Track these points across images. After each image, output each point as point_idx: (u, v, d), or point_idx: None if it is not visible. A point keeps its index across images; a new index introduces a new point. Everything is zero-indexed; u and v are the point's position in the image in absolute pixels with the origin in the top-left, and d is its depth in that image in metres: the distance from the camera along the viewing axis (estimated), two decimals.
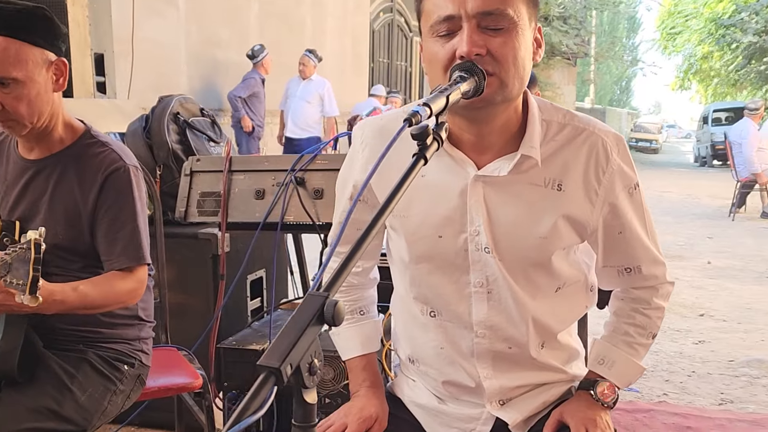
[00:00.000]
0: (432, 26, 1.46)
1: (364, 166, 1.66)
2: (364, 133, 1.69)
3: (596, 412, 1.64)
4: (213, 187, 2.82)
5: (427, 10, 1.49)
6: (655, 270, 1.68)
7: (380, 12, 13.44)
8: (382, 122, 1.68)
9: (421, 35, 1.57)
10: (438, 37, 1.46)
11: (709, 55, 25.94)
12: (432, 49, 1.47)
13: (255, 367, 2.69)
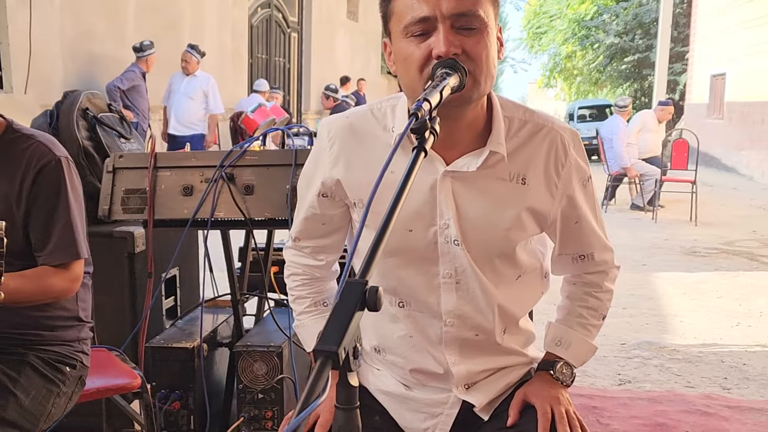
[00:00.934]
0: (406, 27, 1.50)
1: (334, 162, 1.69)
2: (332, 130, 1.71)
3: (558, 390, 1.73)
4: (138, 184, 2.77)
5: (399, 11, 1.53)
6: (605, 256, 1.79)
7: (258, 7, 13.32)
8: (349, 120, 1.71)
9: (388, 36, 1.61)
10: (412, 38, 1.50)
11: (573, 55, 27.07)
12: (406, 50, 1.52)
13: (185, 365, 2.67)
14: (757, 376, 4.20)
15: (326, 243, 1.82)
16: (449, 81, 1.39)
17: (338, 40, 16.78)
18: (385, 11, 1.59)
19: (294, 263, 1.87)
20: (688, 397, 3.79)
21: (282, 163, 2.71)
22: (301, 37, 15.20)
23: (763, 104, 15.24)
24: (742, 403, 3.75)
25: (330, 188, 1.71)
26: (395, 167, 1.61)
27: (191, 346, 2.80)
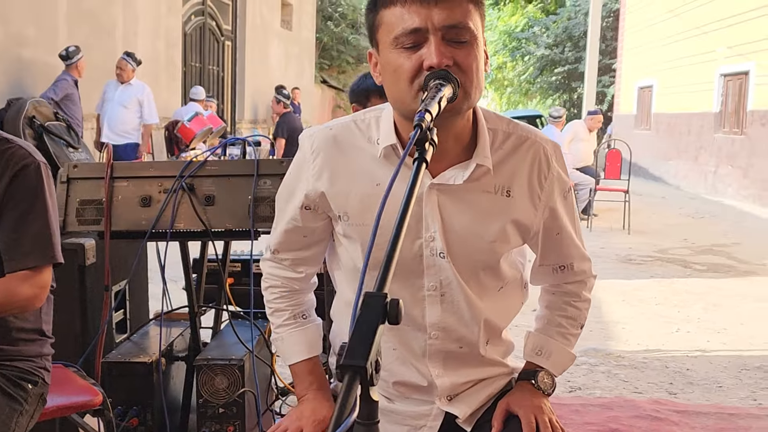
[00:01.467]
0: (397, 38, 1.50)
1: (318, 174, 1.67)
2: (314, 142, 1.70)
3: (540, 399, 1.74)
4: (93, 195, 2.69)
5: (388, 22, 1.53)
6: (583, 266, 1.81)
7: (192, 15, 13.16)
8: (332, 132, 1.70)
9: (375, 47, 1.61)
10: (403, 49, 1.50)
11: (504, 66, 27.45)
12: (396, 61, 1.51)
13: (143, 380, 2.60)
14: (700, 381, 4.30)
15: (306, 255, 1.80)
16: (444, 92, 1.39)
17: (272, 48, 16.69)
18: (372, 22, 1.58)
19: (272, 276, 1.84)
20: (638, 403, 3.85)
21: (243, 173, 2.67)
22: (235, 46, 15.07)
23: (689, 116, 15.70)
24: (690, 407, 3.84)
25: (314, 201, 1.69)
26: (381, 179, 1.62)
27: (149, 361, 2.73)
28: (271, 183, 2.66)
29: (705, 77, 14.70)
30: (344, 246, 1.72)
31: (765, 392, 4.16)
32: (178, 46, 12.34)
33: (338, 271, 1.80)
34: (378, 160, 1.64)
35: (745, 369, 4.54)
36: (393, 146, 1.62)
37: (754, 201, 12.70)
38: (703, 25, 14.70)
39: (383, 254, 1.61)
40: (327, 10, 22.27)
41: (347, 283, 1.76)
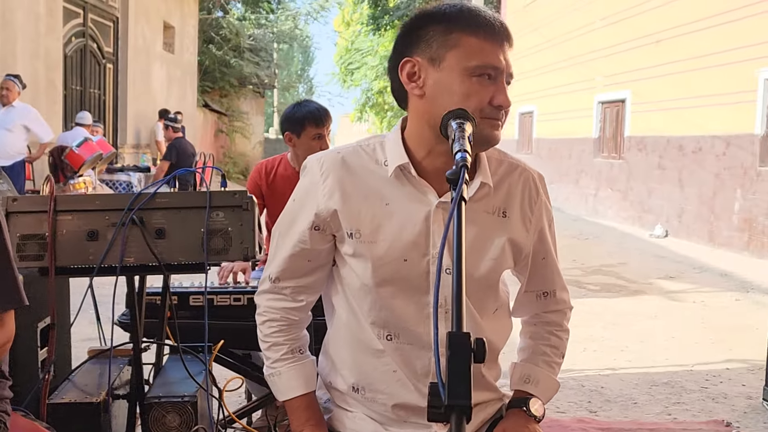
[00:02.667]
0: (478, 66, 1.59)
1: (330, 194, 1.71)
2: (324, 164, 1.74)
3: (533, 426, 1.81)
4: (35, 230, 2.57)
5: (469, 47, 1.60)
6: (564, 295, 1.91)
7: (72, 36, 12.74)
8: (341, 155, 1.75)
9: (431, 61, 1.63)
10: (477, 78, 1.59)
11: (384, 90, 27.84)
12: (469, 87, 1.59)
13: (90, 420, 2.49)
14: (617, 398, 4.47)
15: (309, 282, 1.81)
16: (467, 129, 1.45)
17: (155, 71, 16.35)
18: (439, 37, 1.62)
19: (270, 308, 1.83)
20: (564, 422, 3.97)
21: (195, 205, 2.62)
22: (117, 68, 14.68)
23: (570, 141, 16.36)
24: (613, 424, 3.99)
25: (324, 220, 1.72)
26: (391, 199, 1.67)
27: (97, 401, 2.62)
28: (224, 215, 2.61)
29: (584, 104, 15.37)
30: (350, 266, 1.74)
31: (676, 407, 4.36)
32: (59, 69, 11.91)
33: (337, 295, 1.81)
34: (387, 180, 1.70)
35: (654, 385, 4.75)
36: (403, 167, 1.67)
37: (633, 222, 13.33)
38: (581, 54, 15.38)
39: (392, 272, 1.65)
40: (209, 33, 22.03)
41: (354, 304, 1.76)
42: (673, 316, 6.85)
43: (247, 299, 3.15)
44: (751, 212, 9.97)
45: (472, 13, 1.63)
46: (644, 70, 12.88)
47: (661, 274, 8.96)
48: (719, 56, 10.66)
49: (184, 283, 3.29)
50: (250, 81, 22.86)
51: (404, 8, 26.64)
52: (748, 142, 10.10)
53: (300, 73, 43.48)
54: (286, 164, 3.86)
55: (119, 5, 14.44)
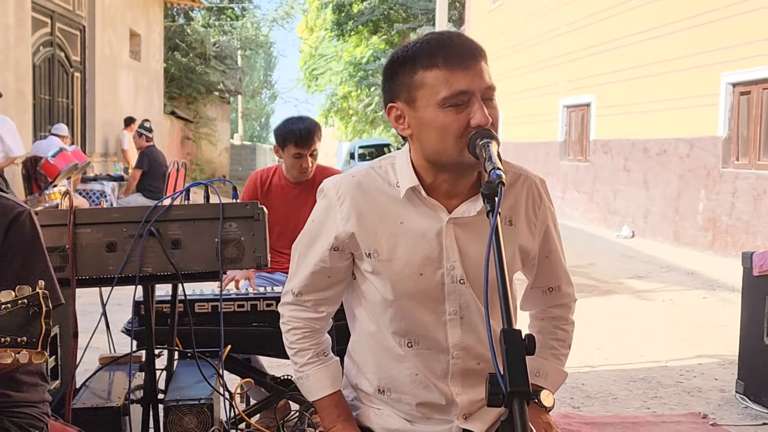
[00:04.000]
0: (445, 99, 1.70)
1: (347, 217, 1.84)
2: (339, 189, 1.87)
3: (546, 416, 1.97)
4: (56, 242, 2.69)
5: (431, 83, 1.71)
6: (568, 289, 2.07)
7: (40, 46, 12.69)
8: (355, 178, 1.88)
9: (408, 104, 1.77)
10: (449, 108, 1.70)
11: (349, 95, 27.99)
12: (443, 120, 1.71)
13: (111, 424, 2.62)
14: (597, 394, 4.66)
15: (329, 295, 1.95)
16: (492, 148, 1.59)
17: (122, 79, 16.31)
18: (407, 80, 1.75)
19: (294, 318, 1.96)
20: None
21: (208, 216, 2.75)
22: (85, 77, 14.63)
23: (536, 144, 16.66)
24: (596, 419, 4.17)
25: (343, 242, 1.85)
26: (404, 218, 1.81)
27: (117, 405, 2.74)
28: (237, 225, 2.75)
29: (549, 108, 15.65)
30: (370, 281, 1.88)
31: (654, 401, 4.56)
32: (28, 79, 11.87)
33: (359, 308, 1.95)
34: (400, 200, 1.83)
35: (632, 381, 4.95)
36: (414, 188, 1.81)
37: (599, 223, 13.63)
38: (546, 59, 15.66)
39: (410, 286, 1.80)
40: (174, 41, 22.02)
41: (375, 316, 1.90)
42: (644, 314, 7.08)
43: (251, 305, 3.28)
44: (715, 212, 10.27)
45: (431, 46, 1.73)
46: (609, 75, 13.18)
47: (630, 274, 9.21)
48: (682, 60, 10.97)
49: (187, 291, 3.39)
50: (215, 87, 22.88)
51: (368, 14, 26.85)
52: (711, 144, 10.40)
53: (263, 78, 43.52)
54: (280, 174, 3.98)
55: (86, 14, 14.40)
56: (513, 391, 1.11)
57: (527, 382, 1.12)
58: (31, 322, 1.59)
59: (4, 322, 1.60)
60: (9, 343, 1.59)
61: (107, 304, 2.91)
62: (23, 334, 1.58)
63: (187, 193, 2.87)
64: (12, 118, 9.96)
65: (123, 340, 3.29)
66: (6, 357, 1.58)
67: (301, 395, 3.14)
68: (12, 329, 1.59)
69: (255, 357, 3.60)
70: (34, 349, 1.59)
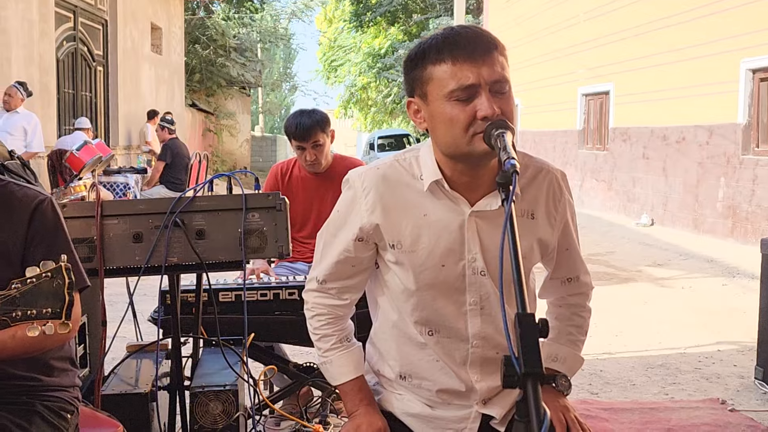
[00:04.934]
0: (452, 92, 1.75)
1: (371, 209, 1.90)
2: (365, 181, 1.92)
3: (563, 400, 2.03)
4: (84, 234, 2.77)
5: (439, 77, 1.77)
6: (586, 278, 2.12)
7: (64, 40, 12.84)
8: (380, 171, 1.93)
9: (421, 97, 1.83)
10: (456, 101, 1.75)
11: (368, 86, 28.02)
12: (451, 112, 1.76)
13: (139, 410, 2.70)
14: (615, 380, 4.71)
15: (352, 283, 2.01)
16: (507, 138, 1.64)
17: (143, 73, 16.46)
18: (419, 76, 1.81)
19: (318, 305, 2.03)
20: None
21: (232, 207, 2.82)
22: (107, 71, 14.78)
23: (554, 133, 16.63)
24: (614, 404, 4.23)
25: (367, 232, 1.91)
26: (428, 210, 1.87)
27: (145, 392, 2.83)
28: (259, 216, 2.83)
29: (568, 97, 15.63)
30: (393, 271, 1.94)
31: (672, 387, 4.61)
32: (52, 73, 12.02)
33: (382, 296, 2.01)
34: (423, 193, 1.88)
35: (650, 367, 4.99)
36: (437, 181, 1.86)
37: (618, 211, 13.62)
38: (564, 48, 15.63)
39: (432, 277, 1.86)
40: (194, 34, 22.15)
41: (398, 305, 1.96)
42: (663, 301, 7.11)
43: (273, 294, 3.35)
44: (735, 199, 10.25)
45: (440, 41, 1.78)
46: (627, 62, 13.14)
47: (649, 262, 9.23)
48: (701, 47, 10.94)
49: (211, 280, 3.47)
50: (236, 80, 23.00)
51: (386, 4, 26.84)
52: (730, 131, 10.37)
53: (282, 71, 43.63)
54: (300, 166, 4.06)
55: (108, 8, 14.54)
56: (527, 372, 1.16)
57: (540, 363, 1.17)
58: (55, 294, 1.66)
59: (30, 295, 1.68)
60: (35, 315, 1.67)
61: (134, 293, 3.01)
62: (47, 306, 1.66)
63: (210, 185, 2.94)
64: (36, 112, 10.12)
65: (149, 329, 3.38)
66: (33, 330, 1.67)
67: (323, 382, 3.24)
68: (37, 302, 1.67)
69: (278, 345, 3.68)
70: (59, 320, 1.66)
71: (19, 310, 1.67)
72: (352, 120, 33.14)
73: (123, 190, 10.49)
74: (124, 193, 10.36)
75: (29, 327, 1.67)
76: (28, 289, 1.68)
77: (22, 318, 1.67)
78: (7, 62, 10.52)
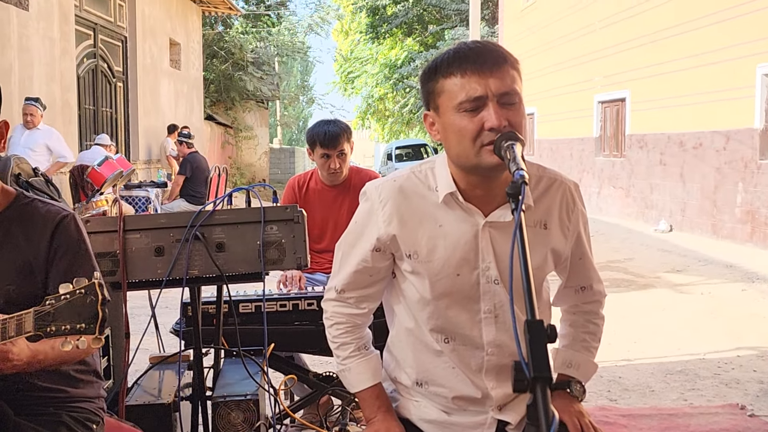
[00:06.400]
0: (460, 104, 1.81)
1: (388, 220, 1.95)
2: (382, 193, 1.98)
3: (578, 405, 2.06)
4: (107, 248, 2.84)
5: (450, 90, 1.83)
6: (600, 287, 2.15)
7: (84, 57, 13.03)
8: (397, 183, 1.99)
9: (434, 110, 1.89)
10: (465, 113, 1.81)
11: (385, 97, 28.13)
12: (459, 123, 1.82)
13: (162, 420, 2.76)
14: (634, 387, 4.72)
15: (370, 292, 2.06)
16: (517, 150, 1.69)
17: (163, 88, 16.63)
18: (432, 89, 1.88)
19: (337, 313, 2.08)
20: (587, 410, 4.21)
21: (250, 220, 2.88)
22: (127, 87, 14.96)
23: (571, 141, 16.63)
24: (633, 411, 4.24)
25: (384, 243, 1.96)
26: (443, 221, 1.92)
27: (168, 402, 2.89)
28: (278, 228, 2.88)
29: (584, 104, 15.63)
30: (409, 281, 1.99)
31: (691, 393, 4.61)
32: (73, 90, 12.19)
33: (399, 305, 2.06)
34: (438, 204, 1.93)
35: (669, 373, 5.00)
36: (452, 193, 1.91)
37: (636, 218, 13.60)
38: (580, 56, 15.65)
39: (447, 286, 1.91)
40: (212, 48, 22.35)
41: (414, 313, 2.01)
42: (682, 307, 7.10)
43: (292, 305, 3.41)
44: (753, 204, 10.22)
45: (450, 55, 1.84)
46: (643, 69, 13.15)
47: (668, 268, 9.21)
48: (717, 53, 10.93)
49: (231, 292, 3.53)
50: (253, 94, 23.17)
51: (402, 16, 26.96)
52: (747, 136, 10.35)
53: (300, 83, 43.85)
54: (316, 179, 4.11)
55: (127, 25, 14.73)
56: (536, 377, 1.20)
57: (549, 367, 1.22)
58: (89, 309, 1.73)
59: (64, 311, 1.74)
60: (69, 330, 1.74)
61: (156, 306, 3.07)
62: (81, 321, 1.73)
63: (229, 198, 3.00)
64: (58, 128, 10.27)
65: (171, 340, 3.45)
66: (66, 344, 1.73)
67: (343, 391, 3.29)
68: (72, 318, 1.74)
69: (298, 355, 3.73)
70: (92, 335, 1.73)
71: (53, 325, 1.74)
72: (369, 131, 33.28)
73: (144, 204, 10.60)
74: (145, 207, 10.47)
75: (63, 341, 1.74)
76: (62, 305, 1.75)
77: (56, 333, 1.74)
78: (29, 80, 10.69)
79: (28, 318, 1.76)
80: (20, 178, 3.34)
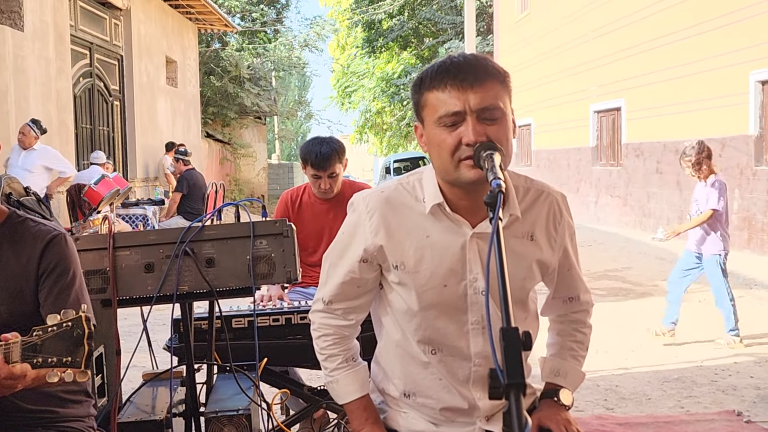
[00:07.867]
0: (440, 118, 1.82)
1: (375, 231, 1.96)
2: (369, 204, 1.99)
3: (565, 413, 2.06)
4: (97, 265, 2.84)
5: (432, 104, 1.84)
6: (587, 297, 2.16)
7: (80, 77, 13.06)
8: (384, 194, 2.00)
9: (420, 121, 1.91)
10: (444, 127, 1.82)
11: (382, 110, 28.21)
12: (439, 136, 1.83)
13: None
14: (631, 395, 4.72)
15: (358, 304, 2.06)
16: (496, 159, 1.70)
17: (159, 106, 16.67)
18: (418, 101, 1.89)
19: (325, 325, 2.08)
20: (584, 419, 4.22)
21: (240, 235, 2.89)
22: (124, 105, 15.00)
23: (567, 151, 16.65)
24: (629, 419, 4.24)
25: (372, 254, 1.97)
26: (430, 232, 1.92)
27: (160, 419, 2.88)
28: (267, 243, 2.89)
29: (580, 114, 15.67)
30: (397, 292, 1.99)
31: (688, 400, 4.62)
32: (70, 109, 12.22)
33: (386, 316, 2.07)
34: (425, 215, 1.94)
35: (666, 381, 5.00)
36: (439, 204, 1.92)
37: (634, 227, 13.60)
38: (575, 66, 15.70)
39: (434, 297, 1.91)
40: (209, 65, 22.42)
41: (401, 325, 2.02)
42: (680, 316, 7.08)
43: (285, 319, 3.41)
44: (750, 211, 10.23)
45: (434, 70, 1.85)
46: (638, 78, 13.19)
47: (666, 276, 9.16)
48: (710, 61, 10.97)
49: (223, 307, 3.53)
50: (250, 110, 23.23)
51: (398, 30, 27.07)
52: (742, 142, 10.37)
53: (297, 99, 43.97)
54: (309, 192, 4.12)
55: (123, 43, 14.77)
56: (510, 383, 1.21)
57: (523, 374, 1.22)
58: (76, 344, 1.74)
59: (51, 343, 1.75)
60: (55, 363, 1.75)
61: (148, 321, 3.07)
62: (68, 355, 1.74)
63: (219, 214, 3.01)
64: (55, 148, 10.28)
65: (164, 357, 3.45)
66: (53, 376, 1.74)
67: (338, 404, 3.28)
68: (58, 350, 1.75)
69: (293, 369, 3.73)
70: (78, 368, 1.74)
71: (40, 357, 1.75)
72: (367, 145, 33.34)
73: (142, 221, 10.62)
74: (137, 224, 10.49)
75: (49, 374, 1.74)
76: (49, 337, 1.76)
77: (43, 365, 1.75)
78: (25, 100, 10.71)
79: (16, 348, 1.77)
80: (11, 197, 3.36)
